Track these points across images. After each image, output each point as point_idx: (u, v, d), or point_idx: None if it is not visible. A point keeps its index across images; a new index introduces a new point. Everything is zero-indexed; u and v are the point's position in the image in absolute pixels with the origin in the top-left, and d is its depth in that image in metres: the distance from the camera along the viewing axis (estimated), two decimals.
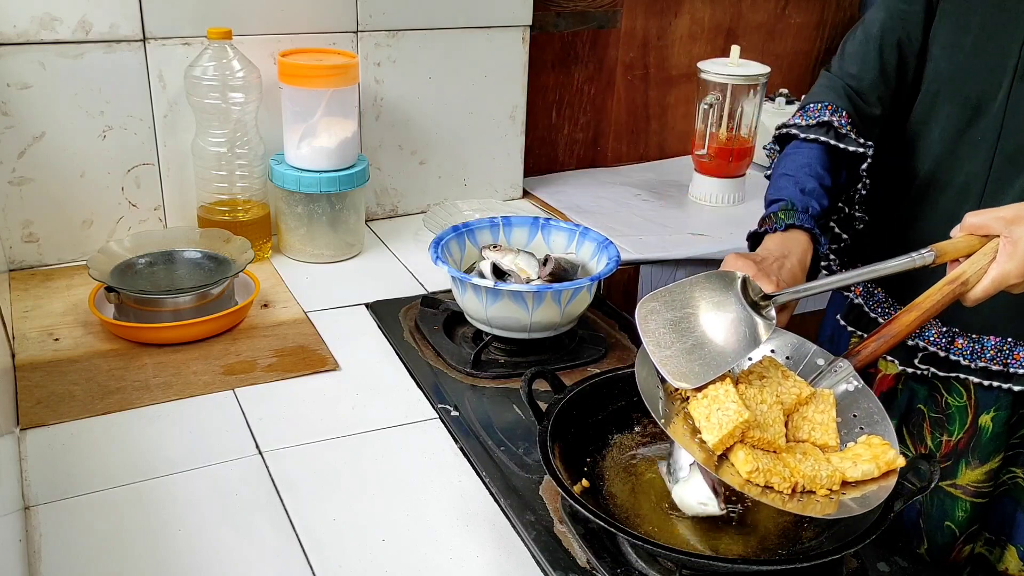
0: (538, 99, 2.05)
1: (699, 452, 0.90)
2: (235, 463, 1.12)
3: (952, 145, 1.20)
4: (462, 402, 1.25)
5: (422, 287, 1.59)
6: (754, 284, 1.01)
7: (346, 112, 1.61)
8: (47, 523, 1.00)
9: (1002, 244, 0.95)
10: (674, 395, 0.97)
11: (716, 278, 1.01)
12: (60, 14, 1.45)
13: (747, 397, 0.94)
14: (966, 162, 1.19)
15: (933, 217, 1.23)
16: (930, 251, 0.98)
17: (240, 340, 1.37)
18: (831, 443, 0.95)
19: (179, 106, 1.57)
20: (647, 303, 0.99)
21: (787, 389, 0.97)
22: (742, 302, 0.99)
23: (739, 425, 0.89)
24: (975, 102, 1.16)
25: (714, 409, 0.91)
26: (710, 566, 0.92)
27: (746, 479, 0.89)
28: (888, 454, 0.92)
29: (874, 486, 0.91)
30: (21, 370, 1.27)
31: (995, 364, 1.19)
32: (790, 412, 0.97)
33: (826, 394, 0.98)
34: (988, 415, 1.22)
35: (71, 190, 1.55)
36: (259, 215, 1.62)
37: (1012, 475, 1.24)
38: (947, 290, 0.97)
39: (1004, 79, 1.13)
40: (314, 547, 0.99)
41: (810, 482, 0.90)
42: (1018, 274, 0.94)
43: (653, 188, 2.09)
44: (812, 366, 1.03)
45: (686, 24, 2.18)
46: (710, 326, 0.97)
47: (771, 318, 0.99)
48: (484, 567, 0.98)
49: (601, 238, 1.43)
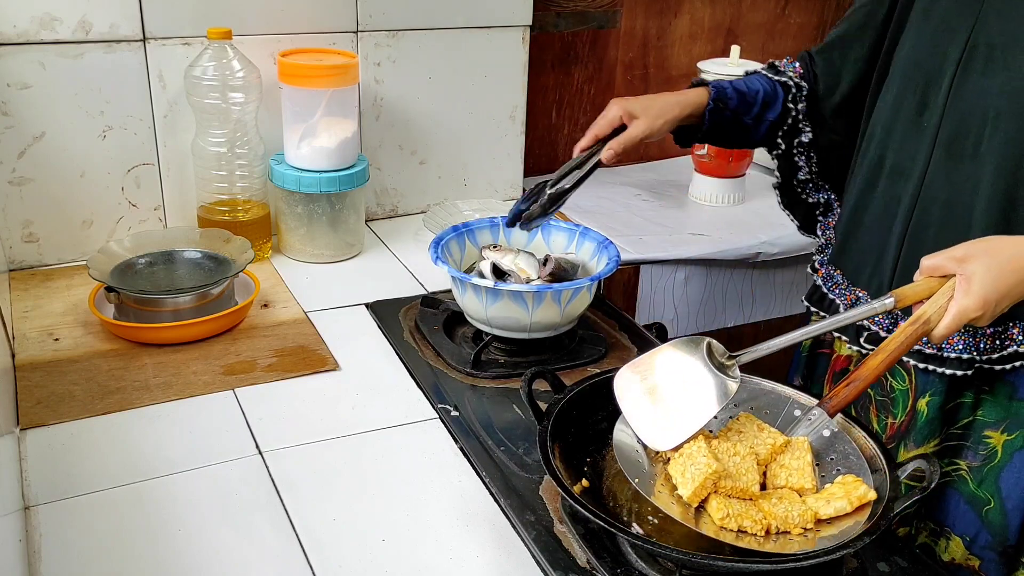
0: (538, 99, 2.05)
1: (677, 509, 0.95)
2: (235, 463, 1.12)
3: (899, 128, 1.25)
4: (462, 402, 1.25)
5: (422, 287, 1.59)
6: (718, 346, 1.07)
7: (346, 112, 1.61)
8: (47, 523, 1.01)
9: (958, 282, 1.00)
10: (656, 458, 1.03)
11: (682, 345, 1.07)
12: (60, 14, 1.45)
13: (720, 451, 1.00)
14: (909, 146, 1.23)
15: (879, 196, 1.28)
16: (889, 297, 1.02)
17: (240, 340, 1.37)
18: (808, 486, 0.99)
19: (179, 106, 1.57)
20: (623, 375, 1.06)
21: (762, 440, 1.03)
22: (708, 365, 1.05)
23: (709, 476, 0.95)
24: (923, 88, 1.21)
25: (688, 465, 0.97)
26: (710, 566, 0.92)
27: (719, 525, 0.93)
28: (859, 489, 0.96)
29: (849, 521, 0.94)
30: (21, 370, 1.27)
31: (929, 347, 1.22)
32: (767, 462, 1.02)
33: (800, 441, 1.03)
34: (924, 399, 1.26)
35: (71, 190, 1.55)
36: (259, 215, 1.62)
37: (956, 467, 1.27)
38: (911, 331, 1.01)
39: (949, 68, 1.17)
40: (314, 547, 0.99)
41: (783, 522, 0.94)
42: (976, 308, 0.99)
43: (653, 188, 2.09)
44: (790, 417, 1.09)
45: (686, 24, 2.19)
46: (681, 390, 1.04)
47: (736, 376, 1.04)
48: (484, 567, 0.98)
49: (601, 238, 1.43)
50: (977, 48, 1.15)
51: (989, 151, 1.15)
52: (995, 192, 1.15)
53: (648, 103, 1.33)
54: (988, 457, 1.24)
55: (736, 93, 1.36)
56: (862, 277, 1.32)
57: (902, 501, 0.94)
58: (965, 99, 1.16)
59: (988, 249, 1.01)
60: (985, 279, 0.99)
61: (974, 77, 1.15)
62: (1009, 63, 1.12)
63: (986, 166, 1.15)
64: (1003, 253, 1.00)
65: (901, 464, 0.99)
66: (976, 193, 1.16)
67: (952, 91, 1.17)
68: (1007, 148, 1.14)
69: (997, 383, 1.23)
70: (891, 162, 1.26)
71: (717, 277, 1.86)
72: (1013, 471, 1.23)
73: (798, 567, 0.88)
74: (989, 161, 1.15)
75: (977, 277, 0.99)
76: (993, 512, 1.25)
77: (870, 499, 0.95)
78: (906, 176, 1.24)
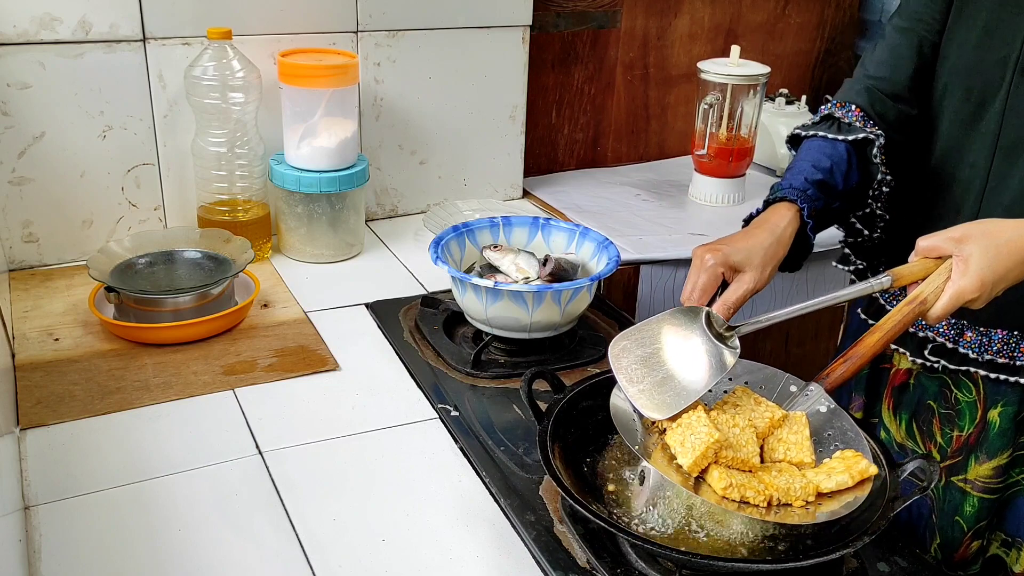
0: (538, 99, 2.05)
1: (677, 476, 0.94)
2: (235, 463, 1.12)
3: (957, 139, 1.22)
4: (462, 402, 1.25)
5: (422, 287, 1.59)
6: (717, 317, 1.06)
7: (346, 112, 1.61)
8: (47, 523, 1.00)
9: (955, 263, 1.00)
10: (652, 428, 1.01)
11: (681, 314, 1.06)
12: (60, 14, 1.45)
13: (719, 422, 0.99)
14: (968, 155, 1.21)
15: (942, 210, 1.24)
16: (887, 276, 1.03)
17: (240, 340, 1.37)
18: (806, 460, 0.99)
19: (179, 106, 1.57)
20: (618, 342, 1.04)
21: (760, 414, 1.03)
22: (707, 334, 1.04)
23: (711, 445, 0.94)
24: (979, 96, 1.19)
25: (687, 435, 0.96)
26: (710, 566, 0.92)
27: (722, 495, 0.93)
28: (860, 463, 0.96)
29: (850, 496, 0.94)
30: (21, 370, 1.27)
31: (1001, 357, 1.21)
32: (765, 435, 1.02)
33: (798, 415, 1.03)
34: (996, 410, 1.23)
35: (71, 190, 1.55)
36: (259, 215, 1.62)
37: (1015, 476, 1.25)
38: (907, 310, 1.02)
39: (1006, 72, 1.16)
40: (314, 547, 0.99)
41: (784, 495, 0.94)
42: (973, 289, 0.99)
43: (653, 188, 2.09)
44: (786, 393, 1.08)
45: (686, 24, 2.18)
46: (678, 359, 1.02)
47: (735, 347, 1.04)
48: (484, 567, 0.98)
49: (601, 238, 1.43)
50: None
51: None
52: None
53: (748, 251, 1.15)
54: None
55: (813, 185, 1.20)
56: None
57: (902, 501, 0.94)
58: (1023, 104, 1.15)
59: (986, 231, 1.01)
60: (982, 261, 0.99)
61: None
62: None
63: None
64: (1001, 235, 1.00)
65: (901, 464, 0.99)
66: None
67: (1010, 97, 1.16)
68: None
69: None
70: (949, 171, 1.24)
71: None
72: None
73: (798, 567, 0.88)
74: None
75: (974, 259, 0.99)
76: None
77: (871, 473, 0.95)
78: (966, 185, 1.22)
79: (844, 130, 1.24)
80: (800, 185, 1.19)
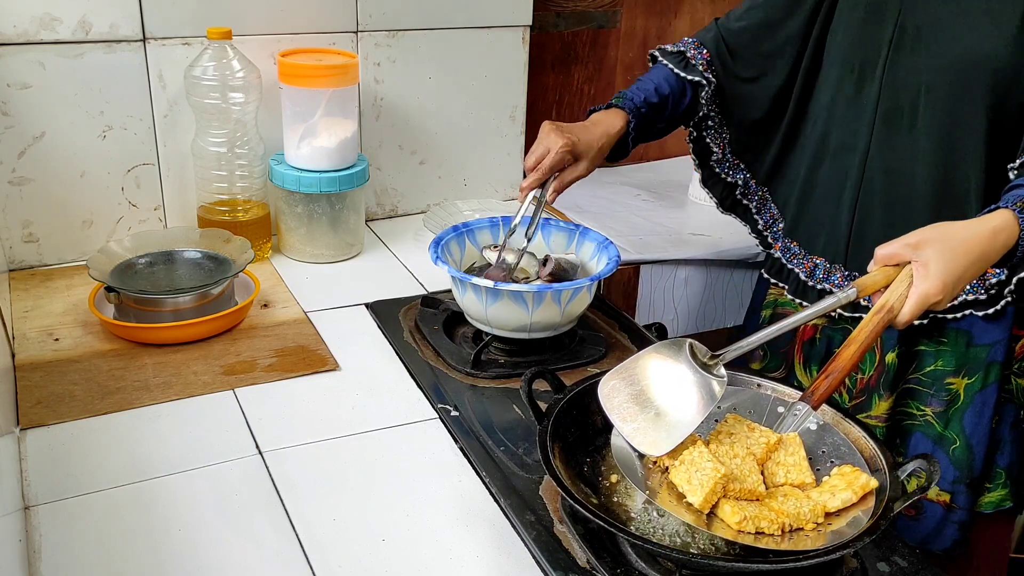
0: (538, 99, 2.05)
1: (689, 515, 0.94)
2: (235, 463, 1.12)
3: (842, 108, 1.36)
4: (462, 402, 1.25)
5: (422, 287, 1.59)
6: (700, 347, 1.07)
7: (346, 112, 1.61)
8: (47, 523, 1.01)
9: (915, 268, 1.03)
10: (654, 468, 1.01)
11: (664, 347, 1.07)
12: (60, 14, 1.45)
13: (720, 454, 1.00)
14: (852, 123, 1.35)
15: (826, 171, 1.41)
16: (852, 288, 1.05)
17: (240, 340, 1.37)
18: (807, 480, 1.00)
19: (179, 106, 1.57)
20: (607, 382, 1.05)
21: (755, 440, 1.03)
22: (693, 366, 1.05)
23: (718, 481, 0.94)
24: (860, 69, 1.33)
25: (693, 472, 0.96)
26: (710, 566, 0.92)
27: (737, 529, 0.93)
28: (861, 478, 0.97)
29: (857, 511, 0.95)
30: (21, 370, 1.27)
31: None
32: (763, 461, 1.02)
33: (792, 437, 1.03)
34: (892, 353, 1.38)
35: (71, 190, 1.55)
36: (259, 215, 1.62)
37: (922, 412, 1.40)
38: (876, 319, 1.03)
39: (883, 49, 1.30)
40: (314, 547, 0.99)
41: (795, 519, 0.94)
42: (936, 292, 1.02)
43: (653, 188, 2.09)
44: (774, 414, 1.09)
45: (686, 24, 2.18)
46: (668, 394, 1.03)
47: (722, 376, 1.04)
48: (484, 567, 0.98)
49: (601, 238, 1.43)
50: (906, 30, 1.27)
51: (924, 122, 1.28)
52: (933, 159, 1.28)
53: (588, 141, 1.38)
54: (951, 401, 1.38)
55: (648, 106, 1.44)
56: (817, 246, 1.44)
57: (902, 501, 0.94)
58: (899, 76, 1.29)
59: (941, 235, 1.04)
60: (940, 263, 1.02)
61: (905, 56, 1.28)
62: (933, 43, 1.25)
63: (922, 136, 1.28)
64: (955, 237, 1.04)
65: (901, 464, 0.99)
66: (916, 160, 1.29)
67: (887, 70, 1.30)
68: (939, 118, 1.27)
69: (952, 333, 1.35)
70: (835, 139, 1.38)
71: (717, 277, 1.86)
72: (975, 411, 1.36)
73: (798, 567, 0.88)
74: (924, 131, 1.28)
75: (933, 262, 1.02)
76: (959, 450, 1.38)
77: (872, 487, 0.96)
78: (851, 150, 1.36)
79: (688, 69, 1.46)
80: (639, 103, 1.43)
